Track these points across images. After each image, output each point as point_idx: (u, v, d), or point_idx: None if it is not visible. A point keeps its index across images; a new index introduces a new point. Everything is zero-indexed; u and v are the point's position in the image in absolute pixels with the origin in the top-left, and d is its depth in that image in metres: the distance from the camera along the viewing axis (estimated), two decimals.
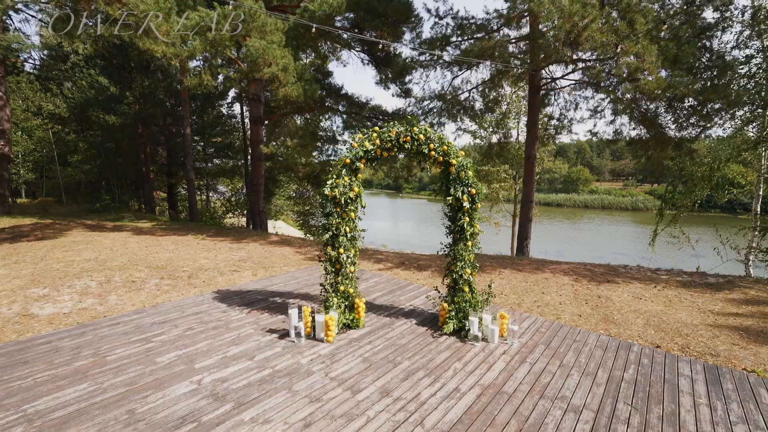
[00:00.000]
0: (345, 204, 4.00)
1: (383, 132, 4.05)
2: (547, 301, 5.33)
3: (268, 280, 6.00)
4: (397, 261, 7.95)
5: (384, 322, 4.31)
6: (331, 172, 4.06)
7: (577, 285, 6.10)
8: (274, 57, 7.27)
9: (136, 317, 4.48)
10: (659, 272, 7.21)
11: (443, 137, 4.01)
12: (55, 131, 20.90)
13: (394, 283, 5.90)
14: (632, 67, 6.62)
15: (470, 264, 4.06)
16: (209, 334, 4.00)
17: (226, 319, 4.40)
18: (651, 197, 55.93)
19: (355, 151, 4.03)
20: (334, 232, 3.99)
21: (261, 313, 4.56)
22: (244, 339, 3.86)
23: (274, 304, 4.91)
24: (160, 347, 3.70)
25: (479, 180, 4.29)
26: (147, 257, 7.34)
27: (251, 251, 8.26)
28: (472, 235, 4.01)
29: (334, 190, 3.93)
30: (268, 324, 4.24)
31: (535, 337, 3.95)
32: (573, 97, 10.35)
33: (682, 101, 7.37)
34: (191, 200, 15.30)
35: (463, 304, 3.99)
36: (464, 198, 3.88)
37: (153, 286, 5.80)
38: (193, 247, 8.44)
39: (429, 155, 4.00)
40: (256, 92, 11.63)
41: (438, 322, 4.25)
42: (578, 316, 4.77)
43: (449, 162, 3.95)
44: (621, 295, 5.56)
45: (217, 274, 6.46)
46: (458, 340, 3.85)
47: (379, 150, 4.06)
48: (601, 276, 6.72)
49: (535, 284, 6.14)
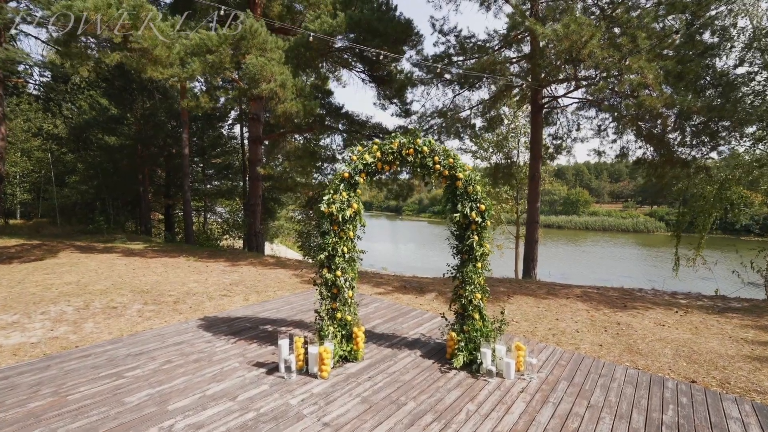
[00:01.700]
0: (343, 222, 3.66)
1: (384, 144, 3.77)
2: (563, 328, 4.90)
3: (260, 306, 5.57)
4: (398, 284, 7.53)
5: (385, 353, 3.87)
6: (328, 187, 3.74)
7: (592, 310, 5.67)
8: (273, 73, 7.14)
9: (111, 348, 4.04)
10: (677, 296, 6.78)
11: (449, 150, 3.72)
12: (53, 151, 20.81)
13: (395, 308, 5.48)
14: (635, 83, 6.47)
15: (480, 288, 3.67)
16: (189, 368, 3.56)
17: (210, 351, 3.96)
18: (652, 219, 55.76)
19: (354, 165, 3.73)
20: (331, 252, 3.63)
21: (249, 344, 4.13)
22: (227, 374, 3.42)
23: (264, 332, 4.48)
24: (131, 384, 3.26)
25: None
26: (132, 280, 6.91)
27: (244, 274, 7.84)
28: (482, 255, 3.65)
29: (330, 207, 3.60)
30: (256, 356, 3.80)
31: (555, 372, 3.51)
32: (575, 117, 10.26)
33: (689, 118, 7.19)
34: (187, 221, 14.97)
35: (473, 334, 3.57)
36: (473, 215, 3.54)
37: (135, 312, 5.37)
38: (184, 270, 8.02)
39: (434, 168, 3.69)
40: (256, 112, 11.53)
41: (445, 353, 3.82)
42: (599, 345, 4.33)
43: (455, 176, 3.64)
44: (642, 322, 5.12)
45: (205, 298, 6.04)
46: (469, 375, 3.41)
47: (380, 163, 3.76)
48: (617, 300, 6.29)
49: (547, 310, 5.71)
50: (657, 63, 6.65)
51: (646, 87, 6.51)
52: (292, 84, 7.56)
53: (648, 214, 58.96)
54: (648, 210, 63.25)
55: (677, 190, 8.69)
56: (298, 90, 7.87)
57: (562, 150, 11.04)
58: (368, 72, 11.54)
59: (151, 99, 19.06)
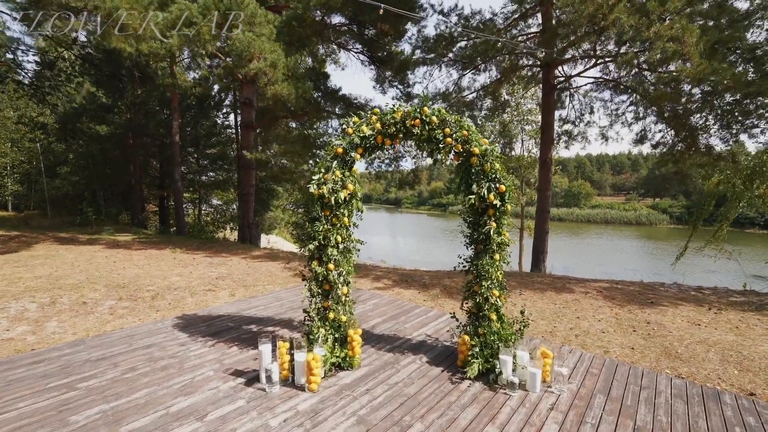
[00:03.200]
0: (336, 206, 3.08)
1: (385, 114, 3.17)
2: (586, 328, 4.35)
3: (246, 302, 5.02)
4: (398, 278, 6.98)
5: (386, 359, 3.33)
6: (318, 165, 3.16)
7: (616, 307, 5.13)
8: (262, 50, 6.49)
9: (69, 352, 3.49)
10: (703, 291, 6.24)
11: (462, 120, 3.13)
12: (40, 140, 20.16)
13: (396, 305, 4.93)
14: (670, 51, 5.76)
15: (498, 284, 3.11)
16: (155, 377, 3.02)
17: (183, 355, 3.41)
18: (655, 211, 55.19)
19: (349, 139, 3.14)
20: (322, 241, 3.06)
21: (229, 347, 3.58)
22: (198, 386, 2.87)
23: (248, 333, 3.93)
24: (82, 398, 2.71)
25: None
26: (110, 274, 6.36)
27: (233, 267, 7.29)
28: (501, 245, 3.09)
29: (321, 188, 3.02)
30: (235, 362, 3.26)
31: (587, 382, 2.97)
32: (589, 99, 9.61)
33: (722, 96, 6.55)
34: (179, 212, 14.41)
35: (490, 337, 3.02)
36: (490, 197, 2.97)
37: (106, 309, 4.82)
38: (168, 263, 7.47)
39: (444, 142, 3.10)
40: (248, 96, 10.87)
41: (456, 359, 3.27)
42: (630, 348, 3.79)
43: (470, 151, 3.06)
44: (673, 320, 4.58)
45: (187, 294, 5.49)
46: (486, 387, 2.87)
47: (380, 137, 3.17)
48: (638, 296, 5.74)
49: (565, 307, 5.17)
50: (696, 26, 5.82)
51: (681, 56, 5.85)
52: (283, 63, 6.89)
53: (651, 207, 58.44)
54: (651, 202, 62.67)
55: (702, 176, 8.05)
56: (291, 70, 7.22)
57: (576, 136, 10.38)
58: (367, 53, 10.85)
59: (144, 86, 18.34)
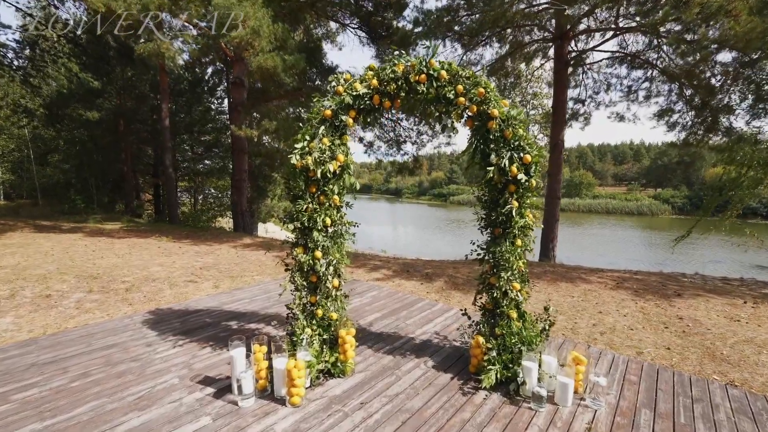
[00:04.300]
0: (323, 180, 2.54)
1: (384, 68, 2.60)
2: (611, 324, 3.85)
3: (229, 295, 4.51)
4: (399, 268, 6.48)
5: (385, 363, 2.82)
6: (302, 132, 2.61)
7: (640, 300, 4.62)
8: (246, 16, 5.83)
9: (16, 354, 2.99)
10: (730, 282, 5.74)
11: (478, 76, 2.56)
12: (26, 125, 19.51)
13: (397, 298, 4.42)
14: (713, 5, 5.03)
15: (519, 275, 2.59)
16: (108, 386, 2.52)
17: (147, 358, 2.91)
18: (657, 201, 54.65)
19: (339, 99, 2.58)
20: (306, 223, 2.53)
21: (202, 347, 3.08)
22: (157, 397, 2.37)
23: (226, 330, 3.43)
24: (12, 414, 2.22)
25: None
26: (85, 264, 5.85)
27: (220, 256, 6.77)
28: (524, 229, 2.55)
29: (306, 158, 2.47)
30: (207, 366, 2.76)
31: (627, 393, 2.47)
32: (604, 76, 8.95)
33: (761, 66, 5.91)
34: (171, 200, 13.86)
35: (510, 339, 2.51)
36: (513, 169, 2.42)
37: (72, 302, 4.32)
38: (152, 252, 6.95)
39: (456, 103, 2.54)
40: (239, 75, 10.22)
41: (468, 363, 2.77)
42: (666, 349, 3.29)
43: (488, 113, 2.50)
44: (708, 315, 4.08)
45: (166, 285, 4.98)
46: (507, 400, 2.36)
47: (378, 97, 2.61)
48: (662, 288, 5.24)
49: (583, 299, 4.66)
50: None
51: (726, 13, 5.20)
52: (268, 30, 6.20)
53: (653, 197, 57.89)
54: (652, 193, 62.05)
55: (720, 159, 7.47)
56: (279, 41, 6.57)
57: (589, 116, 9.70)
58: (366, 29, 10.16)
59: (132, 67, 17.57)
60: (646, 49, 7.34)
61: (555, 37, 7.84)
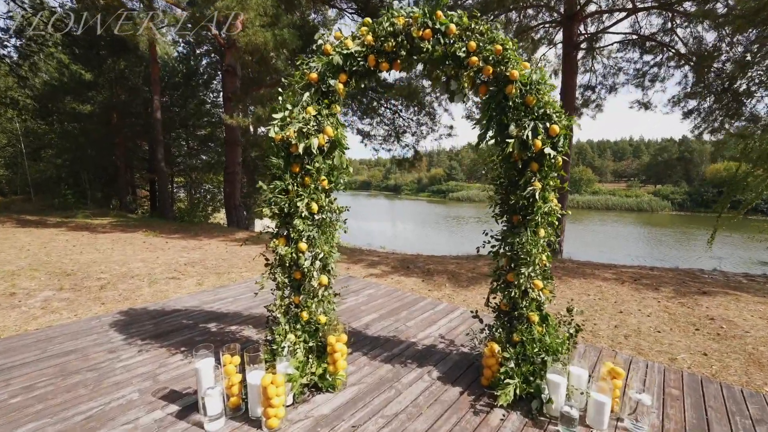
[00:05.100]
0: (308, 158, 2.12)
1: (380, 22, 2.18)
2: (635, 325, 3.45)
3: (212, 293, 4.10)
4: (398, 264, 6.08)
5: (382, 374, 2.42)
6: (282, 99, 2.19)
7: (663, 299, 4.22)
8: None
9: None
10: (755, 279, 5.35)
11: (495, 30, 2.14)
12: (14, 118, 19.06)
13: (396, 297, 4.01)
14: None
15: (541, 271, 2.18)
16: (53, 402, 2.11)
17: (107, 367, 2.51)
18: (657, 198, 54.28)
19: (327, 59, 2.16)
20: (285, 209, 2.11)
21: (172, 354, 2.68)
22: (110, 417, 1.97)
23: (204, 333, 3.02)
24: None
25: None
26: (61, 259, 5.43)
27: (209, 252, 6.36)
28: (548, 215, 2.14)
29: (286, 130, 2.05)
30: (174, 378, 2.35)
31: (671, 411, 2.07)
32: (614, 61, 8.49)
33: None
34: (163, 195, 13.45)
35: (531, 347, 2.10)
36: (537, 142, 2.01)
37: (39, 301, 3.91)
38: (135, 247, 6.54)
39: (467, 64, 2.12)
40: (231, 63, 9.77)
41: (479, 374, 2.37)
42: (703, 355, 2.89)
43: (506, 75, 2.08)
44: (742, 316, 3.68)
45: (146, 283, 4.57)
46: (529, 421, 1.96)
47: (373, 56, 2.19)
48: (683, 285, 4.84)
49: (600, 298, 4.26)
50: None
51: None
52: (256, 2, 5.75)
53: (652, 194, 57.54)
54: (652, 189, 61.66)
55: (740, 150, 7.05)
56: (271, 18, 6.13)
57: (591, 103, 9.22)
58: (363, 14, 9.71)
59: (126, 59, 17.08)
60: (660, 31, 6.91)
61: (563, 19, 7.39)
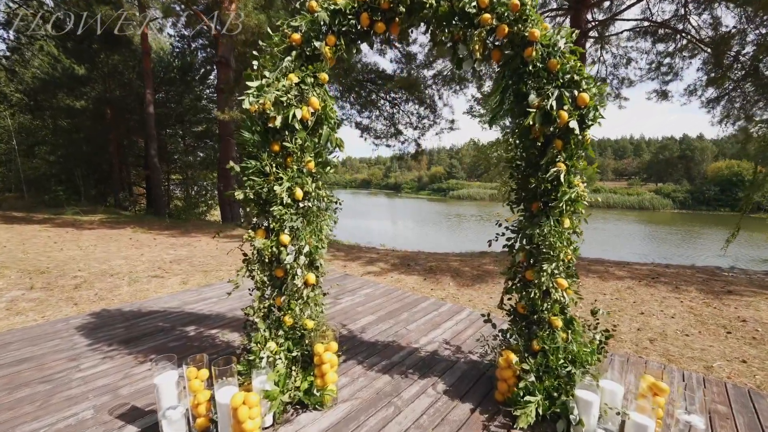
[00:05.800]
0: (289, 134, 1.79)
1: None
2: (658, 328, 3.13)
3: (195, 292, 3.78)
4: (398, 261, 5.75)
5: (379, 387, 2.09)
6: (260, 65, 1.86)
7: (686, 299, 3.90)
8: None
9: None
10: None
11: None
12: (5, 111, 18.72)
13: (396, 297, 3.69)
14: None
15: (565, 267, 1.85)
16: None
17: (64, 378, 2.19)
18: (658, 196, 54.00)
19: (311, 18, 1.83)
20: (263, 195, 1.78)
21: (140, 362, 2.35)
22: None
23: (180, 338, 2.70)
24: None
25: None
26: (37, 257, 5.10)
27: (197, 249, 6.04)
28: (574, 202, 1.81)
29: (263, 99, 1.72)
30: (137, 392, 2.03)
31: (719, 431, 1.74)
32: (624, 51, 8.13)
33: None
34: (156, 191, 13.14)
35: (554, 358, 1.78)
36: (562, 114, 1.68)
37: (4, 302, 3.59)
38: (120, 244, 6.21)
39: (478, 22, 1.79)
40: (224, 54, 9.43)
41: (492, 386, 2.05)
42: (742, 362, 2.56)
43: (524, 36, 1.74)
44: None
45: (125, 281, 4.24)
46: None
47: (366, 14, 1.85)
48: (704, 284, 4.52)
49: (618, 298, 3.94)
50: None
51: None
52: None
53: (654, 192, 57.27)
54: (653, 187, 61.35)
55: None
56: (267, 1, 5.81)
57: (612, 96, 8.81)
58: None
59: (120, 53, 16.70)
60: (673, 17, 6.56)
61: (572, 3, 7.03)
